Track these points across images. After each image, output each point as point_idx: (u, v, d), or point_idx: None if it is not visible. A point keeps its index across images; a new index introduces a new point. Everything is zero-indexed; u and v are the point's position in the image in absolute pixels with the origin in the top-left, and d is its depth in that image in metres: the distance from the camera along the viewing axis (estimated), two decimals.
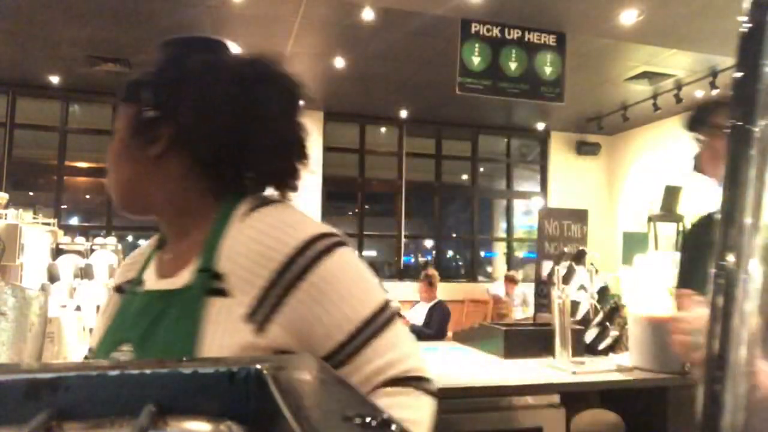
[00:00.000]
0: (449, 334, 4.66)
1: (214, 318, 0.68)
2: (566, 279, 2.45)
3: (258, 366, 0.45)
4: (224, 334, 0.67)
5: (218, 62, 0.80)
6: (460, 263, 10.37)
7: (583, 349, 2.57)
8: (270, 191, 0.86)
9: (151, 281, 0.81)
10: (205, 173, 0.79)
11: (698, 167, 1.21)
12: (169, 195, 0.79)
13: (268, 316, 0.68)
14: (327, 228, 0.74)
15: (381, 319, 0.71)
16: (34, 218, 5.75)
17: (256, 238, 0.71)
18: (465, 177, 9.26)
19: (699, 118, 1.29)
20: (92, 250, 4.96)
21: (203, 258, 0.73)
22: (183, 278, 0.74)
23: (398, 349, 0.71)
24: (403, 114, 8.09)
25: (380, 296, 0.73)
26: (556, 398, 2.07)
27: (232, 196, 0.79)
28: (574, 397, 2.13)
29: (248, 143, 0.78)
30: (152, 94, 0.77)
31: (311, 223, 0.74)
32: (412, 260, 10.20)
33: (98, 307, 2.66)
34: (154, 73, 0.79)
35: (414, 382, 0.71)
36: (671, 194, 6.79)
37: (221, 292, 0.69)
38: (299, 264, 0.69)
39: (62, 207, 7.40)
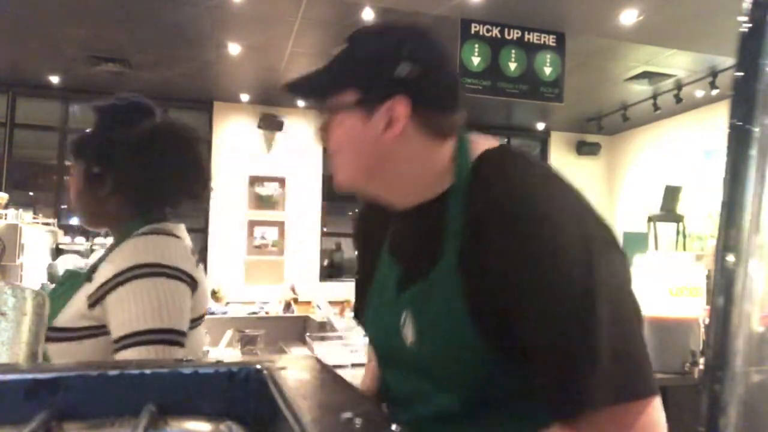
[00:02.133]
0: None
1: (80, 293, 1.09)
2: None
3: (258, 366, 0.44)
4: (76, 304, 1.08)
5: (137, 133, 1.20)
6: None
7: None
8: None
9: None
10: (129, 204, 1.21)
11: None
12: (109, 219, 1.24)
13: (97, 300, 1.06)
14: (152, 260, 1.08)
15: (143, 338, 1.02)
16: (34, 218, 5.75)
17: (119, 252, 1.12)
18: None
19: None
20: (92, 250, 4.96)
21: (101, 259, 1.16)
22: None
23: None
24: None
25: (153, 324, 1.03)
26: None
27: (138, 222, 1.19)
28: None
29: (157, 186, 1.20)
30: (95, 157, 1.20)
31: (147, 253, 1.09)
32: None
33: None
34: (95, 138, 1.24)
35: None
36: (671, 194, 6.79)
37: (90, 279, 1.11)
38: (119, 279, 1.05)
39: (62, 207, 7.40)
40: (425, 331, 0.79)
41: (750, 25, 0.31)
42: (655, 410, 0.70)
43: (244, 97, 7.23)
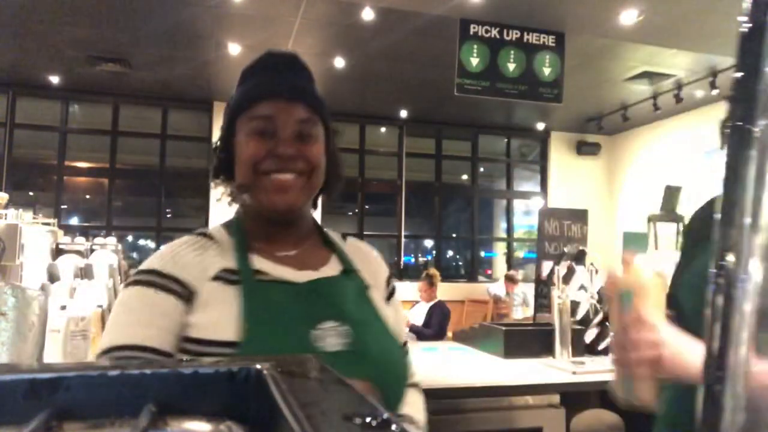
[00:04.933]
0: (449, 334, 4.66)
1: (377, 301, 1.02)
2: (566, 279, 2.45)
3: (258, 366, 0.44)
4: (386, 310, 1.03)
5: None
6: (460, 263, 10.37)
7: (583, 349, 2.56)
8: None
9: (287, 272, 0.94)
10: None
11: None
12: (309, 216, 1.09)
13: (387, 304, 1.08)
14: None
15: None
16: (34, 218, 5.75)
17: (366, 258, 1.10)
18: (465, 177, 9.26)
19: None
20: (92, 250, 4.96)
21: (343, 262, 1.03)
22: (332, 271, 0.99)
23: None
24: (403, 114, 8.09)
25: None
26: (556, 398, 2.07)
27: (311, 216, 1.10)
28: (574, 398, 2.13)
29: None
30: (327, 115, 1.14)
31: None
32: (412, 260, 10.21)
33: (101, 307, 2.65)
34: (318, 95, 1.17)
35: None
36: (671, 194, 6.79)
37: (369, 286, 1.04)
38: (390, 290, 1.11)
39: (62, 207, 7.40)
40: None
41: (750, 25, 0.31)
42: None
43: None
